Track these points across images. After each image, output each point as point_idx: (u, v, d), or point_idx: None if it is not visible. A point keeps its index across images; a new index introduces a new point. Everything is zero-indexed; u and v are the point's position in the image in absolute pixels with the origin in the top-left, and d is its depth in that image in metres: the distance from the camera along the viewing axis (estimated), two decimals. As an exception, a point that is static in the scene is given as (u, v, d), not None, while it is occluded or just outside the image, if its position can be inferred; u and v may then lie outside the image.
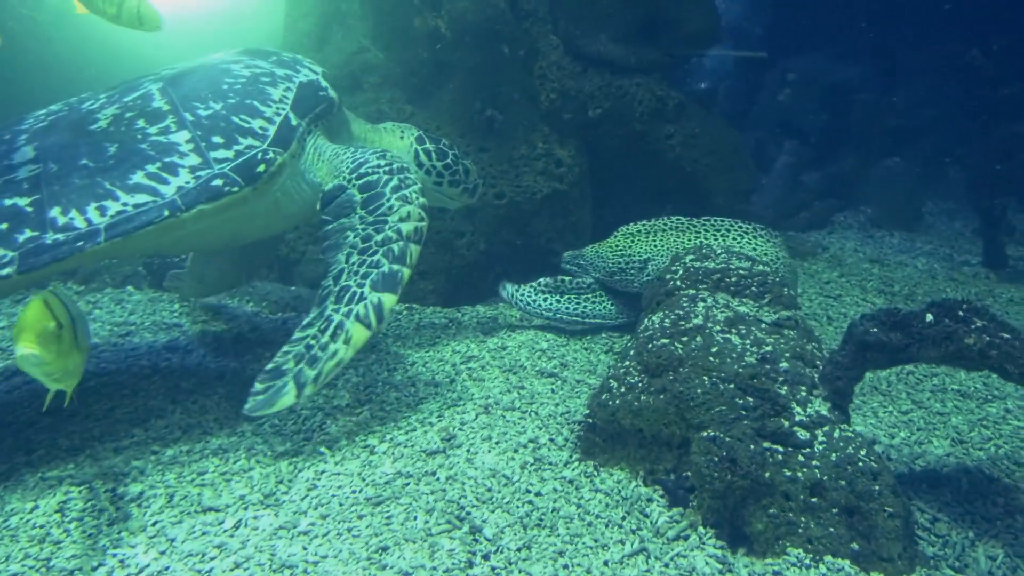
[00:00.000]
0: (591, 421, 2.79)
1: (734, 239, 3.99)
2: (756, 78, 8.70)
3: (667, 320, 3.01)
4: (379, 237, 2.96)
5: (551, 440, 2.87)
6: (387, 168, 3.15)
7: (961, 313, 2.56)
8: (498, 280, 4.37)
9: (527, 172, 5.07)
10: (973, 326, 2.49)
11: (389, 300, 2.83)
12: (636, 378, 2.78)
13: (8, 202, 2.72)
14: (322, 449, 2.80)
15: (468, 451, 2.75)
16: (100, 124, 3.00)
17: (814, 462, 2.35)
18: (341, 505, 2.40)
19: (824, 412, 2.53)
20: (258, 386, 2.71)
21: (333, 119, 3.45)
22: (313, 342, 2.80)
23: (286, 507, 2.41)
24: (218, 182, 2.88)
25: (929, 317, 2.56)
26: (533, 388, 3.38)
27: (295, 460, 2.74)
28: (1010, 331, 2.48)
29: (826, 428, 2.47)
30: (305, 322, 2.89)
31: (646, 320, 3.15)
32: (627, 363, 2.87)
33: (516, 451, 2.76)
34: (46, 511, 2.40)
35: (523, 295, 4.18)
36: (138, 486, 2.56)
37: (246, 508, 2.41)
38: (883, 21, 8.45)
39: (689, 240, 4.04)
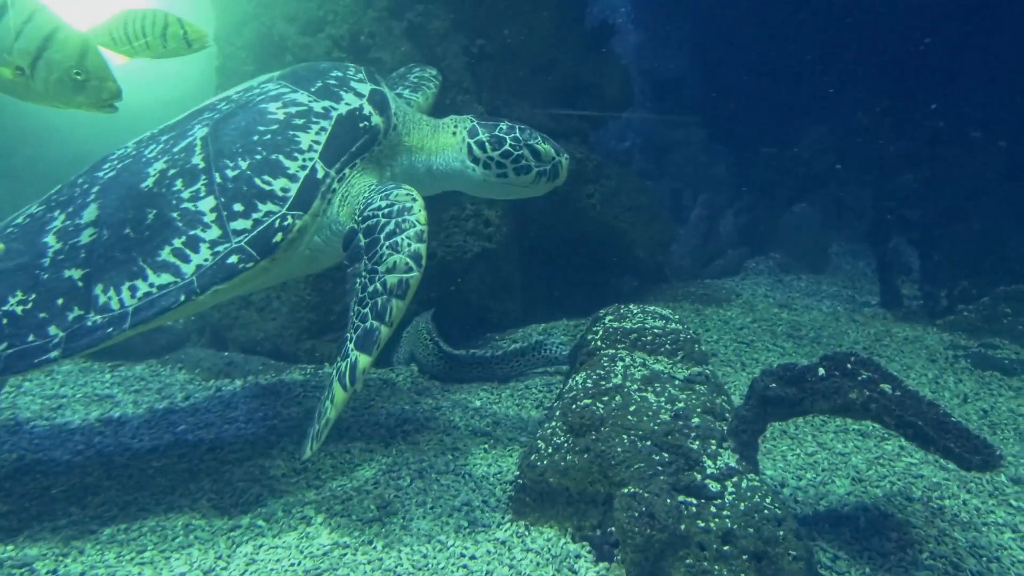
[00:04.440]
0: (521, 481, 2.95)
1: None
2: (670, 135, 9.28)
3: (589, 380, 3.21)
4: (371, 288, 2.81)
5: (484, 502, 3.01)
6: (386, 211, 2.95)
7: (849, 366, 2.86)
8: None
9: (457, 232, 5.26)
10: (859, 378, 2.78)
11: (363, 361, 2.69)
12: (562, 438, 2.96)
13: (67, 273, 2.90)
14: (260, 522, 2.86)
15: (403, 518, 2.87)
16: (147, 183, 3.03)
17: (725, 512, 2.56)
18: (281, 580, 2.48)
19: (733, 464, 2.76)
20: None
21: (381, 147, 3.25)
22: (320, 404, 2.80)
23: (226, 585, 2.46)
24: (233, 259, 2.84)
25: (821, 371, 2.85)
26: (467, 449, 3.52)
27: (233, 535, 2.79)
28: (891, 382, 2.79)
29: (735, 479, 2.69)
30: None
31: (570, 380, 3.35)
32: (553, 423, 3.06)
33: (450, 515, 2.89)
34: (-14, 599, 2.40)
35: None
36: (79, 566, 2.58)
37: (185, 588, 2.46)
38: (786, 80, 9.15)
39: None
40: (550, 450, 2.93)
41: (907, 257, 7.41)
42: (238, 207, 2.91)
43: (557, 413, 3.11)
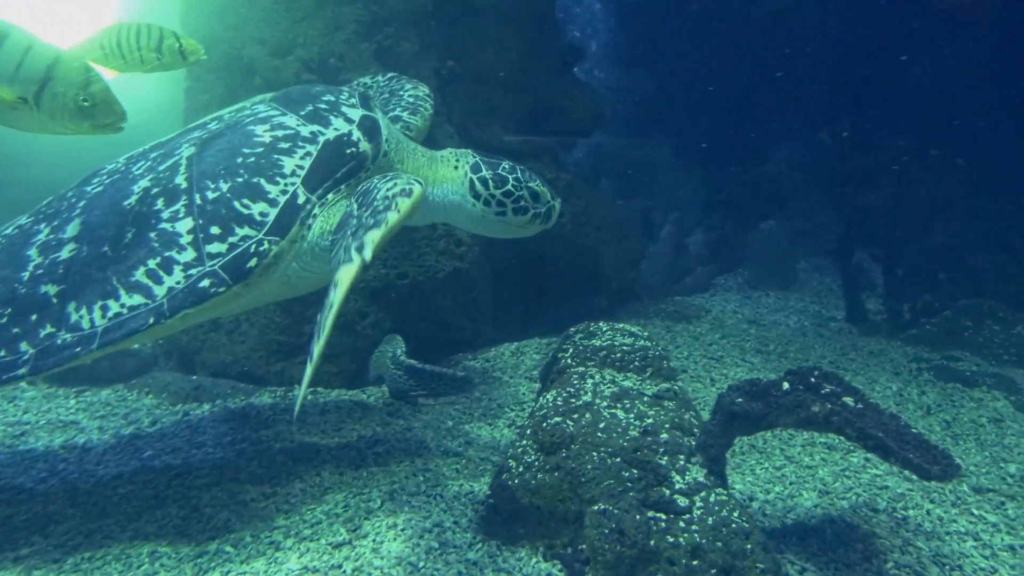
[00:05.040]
0: (492, 501, 2.95)
1: None
2: (640, 155, 9.47)
3: (559, 398, 3.23)
4: (367, 212, 2.72)
5: (455, 523, 3.00)
6: (381, 176, 2.96)
7: (813, 380, 2.92)
8: None
9: (429, 252, 5.28)
10: (822, 391, 2.84)
11: (373, 235, 2.54)
12: (532, 457, 2.97)
13: (44, 289, 2.87)
14: (227, 548, 2.83)
15: (374, 540, 2.85)
16: (130, 201, 3.00)
17: (693, 527, 2.59)
18: (249, 606, 2.45)
19: (701, 478, 2.79)
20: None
21: (369, 173, 3.19)
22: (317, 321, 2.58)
23: (192, 612, 2.43)
24: (205, 283, 2.80)
25: (786, 385, 2.90)
26: (438, 470, 3.51)
27: (200, 561, 2.75)
28: (854, 394, 2.85)
29: (703, 493, 2.72)
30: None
31: (541, 399, 3.36)
32: (524, 442, 3.07)
33: (422, 537, 2.88)
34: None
35: None
36: (36, 601, 2.52)
37: (150, 617, 2.42)
38: (754, 101, 9.38)
39: None
40: (521, 469, 2.94)
41: (871, 273, 7.58)
42: (215, 230, 2.87)
43: (528, 432, 3.12)
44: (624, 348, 3.58)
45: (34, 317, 2.81)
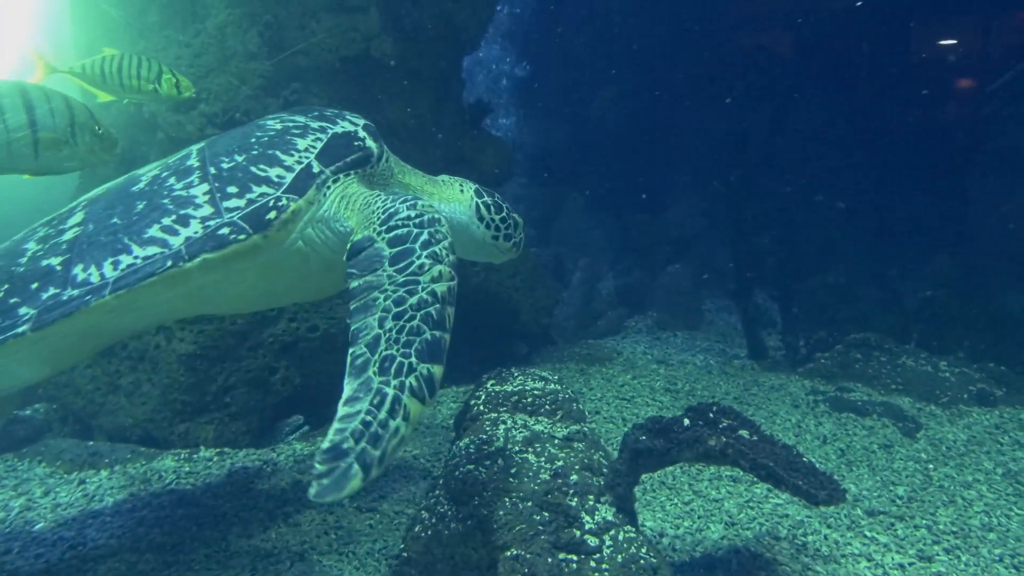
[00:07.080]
0: (406, 555, 2.92)
1: None
2: (553, 204, 9.80)
3: (472, 445, 3.26)
4: (413, 300, 2.62)
5: (368, 578, 2.96)
6: (417, 221, 2.88)
7: (711, 415, 3.06)
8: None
9: (340, 303, 5.24)
10: (720, 426, 2.99)
11: (438, 371, 2.52)
12: (445, 507, 2.97)
13: (45, 263, 2.82)
14: (126, 623, 2.69)
15: (283, 602, 2.77)
16: (140, 185, 3.00)
17: (604, 565, 2.64)
18: None
19: (610, 517, 2.86)
20: (319, 467, 2.27)
21: (374, 170, 3.25)
22: (370, 418, 2.35)
23: None
24: (225, 230, 2.76)
25: (686, 422, 3.04)
26: (351, 527, 3.45)
27: (95, 639, 2.60)
28: (749, 427, 3.00)
29: (612, 532, 2.79)
30: (348, 396, 2.44)
31: (454, 447, 3.38)
32: (437, 492, 3.07)
33: (333, 595, 2.82)
34: None
35: None
36: None
37: None
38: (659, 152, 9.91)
39: None
40: (434, 520, 2.94)
41: (770, 311, 8.00)
42: (232, 189, 2.89)
43: (440, 482, 3.13)
44: (535, 392, 3.66)
45: (35, 285, 2.74)
